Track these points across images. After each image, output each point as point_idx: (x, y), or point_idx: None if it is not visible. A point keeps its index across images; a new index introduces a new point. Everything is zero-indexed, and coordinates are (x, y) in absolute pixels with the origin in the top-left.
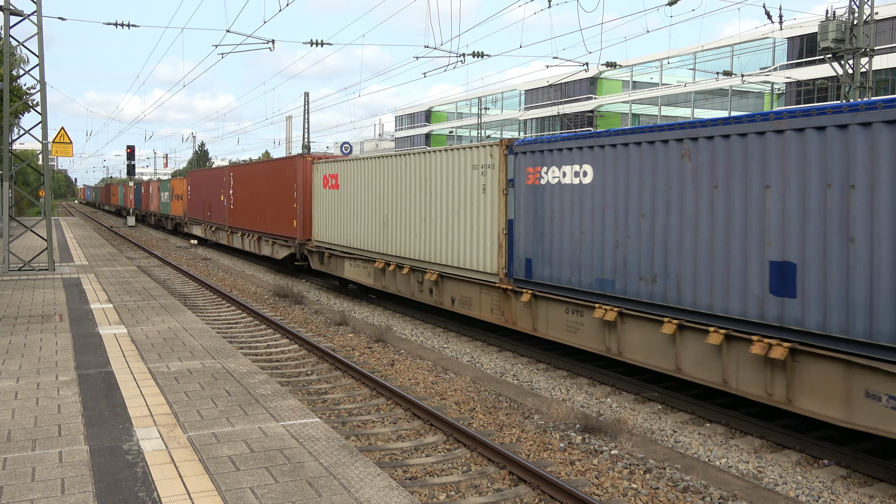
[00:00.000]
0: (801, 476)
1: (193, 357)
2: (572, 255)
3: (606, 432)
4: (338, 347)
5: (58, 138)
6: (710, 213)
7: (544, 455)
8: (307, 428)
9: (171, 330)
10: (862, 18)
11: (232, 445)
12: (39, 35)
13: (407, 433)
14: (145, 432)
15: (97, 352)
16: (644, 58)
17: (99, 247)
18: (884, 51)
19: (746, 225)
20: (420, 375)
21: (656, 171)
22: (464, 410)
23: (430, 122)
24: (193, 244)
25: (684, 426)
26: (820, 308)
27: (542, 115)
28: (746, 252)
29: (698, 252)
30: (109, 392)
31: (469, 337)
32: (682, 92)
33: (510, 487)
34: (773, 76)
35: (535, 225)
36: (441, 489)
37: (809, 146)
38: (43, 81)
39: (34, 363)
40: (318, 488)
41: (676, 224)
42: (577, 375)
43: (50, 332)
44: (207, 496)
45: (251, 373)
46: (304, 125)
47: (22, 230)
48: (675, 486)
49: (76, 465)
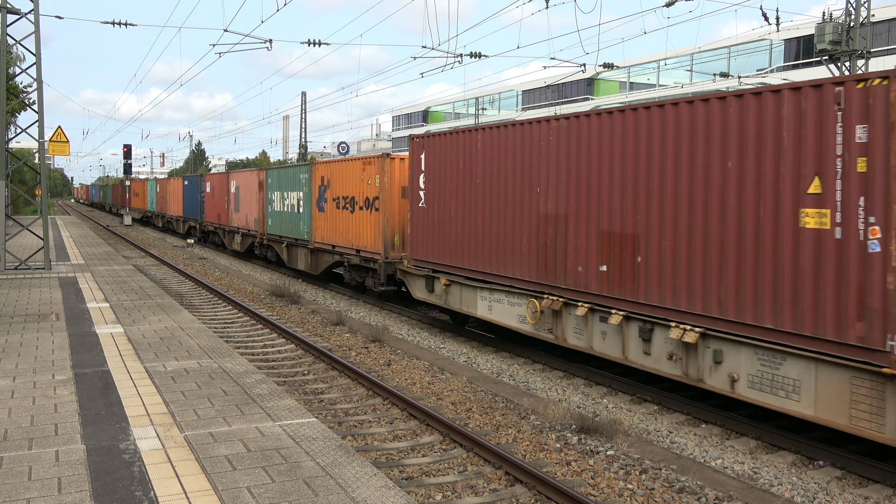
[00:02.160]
0: (796, 477)
1: (190, 356)
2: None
3: (602, 433)
4: (334, 347)
5: (55, 137)
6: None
7: (540, 455)
8: (304, 428)
9: (168, 329)
10: (858, 20)
11: (229, 445)
12: (36, 33)
13: (403, 433)
14: (142, 431)
15: (94, 351)
16: (641, 59)
17: (95, 246)
18: (880, 53)
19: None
20: (416, 375)
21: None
22: (460, 411)
23: (428, 122)
24: (190, 243)
25: (680, 427)
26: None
27: (540, 115)
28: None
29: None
30: (106, 391)
31: (466, 338)
32: (679, 93)
33: (506, 488)
34: (769, 78)
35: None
36: (437, 489)
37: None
38: (40, 80)
39: (30, 362)
40: (315, 488)
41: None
42: (573, 376)
43: (46, 331)
44: (204, 495)
45: (248, 372)
46: (301, 125)
47: (18, 229)
48: (671, 486)
49: (73, 465)
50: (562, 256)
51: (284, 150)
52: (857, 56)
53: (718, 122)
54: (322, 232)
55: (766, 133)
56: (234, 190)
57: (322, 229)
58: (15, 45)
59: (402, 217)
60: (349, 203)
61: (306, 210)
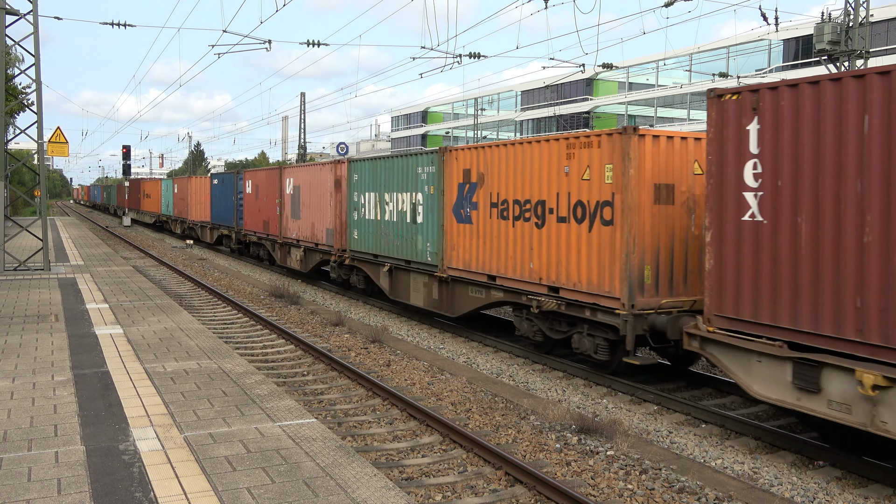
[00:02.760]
0: (796, 477)
1: (190, 357)
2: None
3: (602, 433)
4: (334, 348)
5: (53, 138)
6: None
7: (540, 456)
8: (304, 428)
9: (168, 330)
10: (857, 20)
11: (228, 446)
12: (35, 34)
13: (403, 434)
14: (142, 432)
15: (93, 352)
16: (640, 59)
17: (94, 247)
18: (879, 53)
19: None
20: (416, 376)
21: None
22: (460, 411)
23: (427, 122)
24: (189, 244)
25: (680, 427)
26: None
27: (539, 116)
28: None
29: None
30: (105, 392)
31: (465, 338)
32: (678, 93)
33: (506, 488)
34: (768, 78)
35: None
36: (437, 490)
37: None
38: (39, 81)
39: (30, 363)
40: (315, 489)
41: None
42: (572, 376)
43: (46, 332)
44: (204, 496)
45: (247, 373)
46: (301, 125)
47: (17, 230)
48: (671, 486)
49: (72, 466)
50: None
51: (283, 151)
52: (857, 56)
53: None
54: (465, 253)
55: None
56: (290, 190)
57: (465, 248)
58: (14, 46)
59: (655, 236)
60: (534, 210)
61: (430, 219)
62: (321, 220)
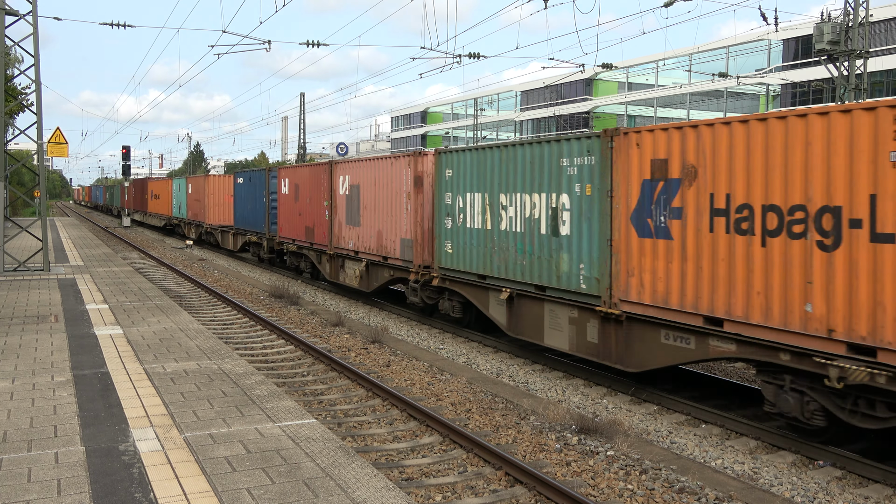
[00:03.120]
0: (796, 477)
1: (189, 358)
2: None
3: (602, 433)
4: (334, 348)
5: (53, 138)
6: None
7: (540, 456)
8: (303, 429)
9: (167, 331)
10: (857, 20)
11: (228, 446)
12: (35, 35)
13: (403, 434)
14: (141, 433)
15: (93, 352)
16: (640, 59)
17: (94, 247)
18: (879, 53)
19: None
20: (416, 376)
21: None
22: (460, 411)
23: (427, 122)
24: (189, 244)
25: (680, 427)
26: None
27: (538, 116)
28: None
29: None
30: (105, 393)
31: (465, 338)
32: (677, 93)
33: (506, 488)
34: (768, 78)
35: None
36: (437, 490)
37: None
38: (38, 81)
39: (30, 364)
40: (315, 489)
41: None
42: (572, 377)
43: (45, 332)
44: (204, 497)
45: (247, 374)
46: (300, 126)
47: (17, 231)
48: (671, 486)
49: (72, 466)
50: None
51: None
52: (856, 56)
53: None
54: (657, 281)
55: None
56: (345, 190)
57: (655, 275)
58: (13, 46)
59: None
60: (816, 222)
61: (585, 231)
62: (392, 228)
